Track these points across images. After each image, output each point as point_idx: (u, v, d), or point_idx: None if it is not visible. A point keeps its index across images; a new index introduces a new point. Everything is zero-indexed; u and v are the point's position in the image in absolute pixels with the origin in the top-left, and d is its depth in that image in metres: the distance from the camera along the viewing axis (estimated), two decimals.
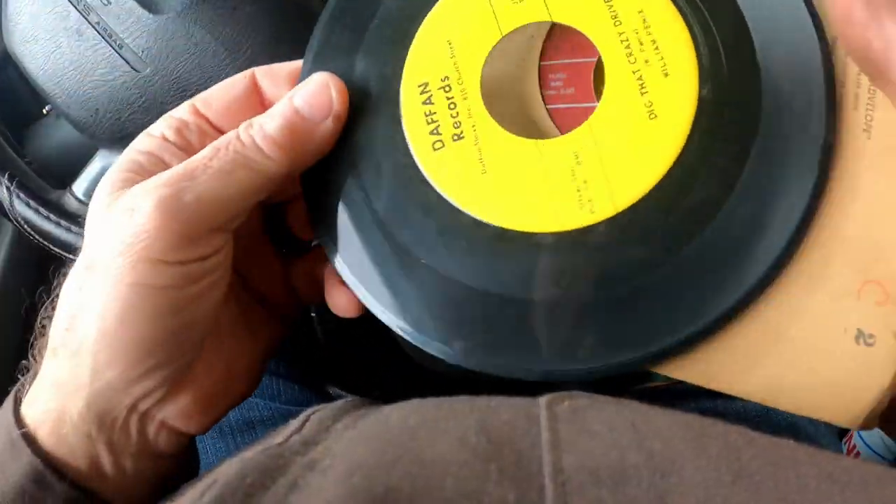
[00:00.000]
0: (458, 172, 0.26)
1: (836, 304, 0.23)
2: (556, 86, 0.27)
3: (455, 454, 0.19)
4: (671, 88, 0.24)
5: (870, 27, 0.20)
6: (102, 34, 0.38)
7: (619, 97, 0.25)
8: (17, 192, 0.42)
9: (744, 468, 0.18)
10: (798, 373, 0.23)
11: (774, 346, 0.23)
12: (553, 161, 0.25)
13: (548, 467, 0.19)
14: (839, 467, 0.18)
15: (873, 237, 0.23)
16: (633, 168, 0.24)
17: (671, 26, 0.25)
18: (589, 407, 0.21)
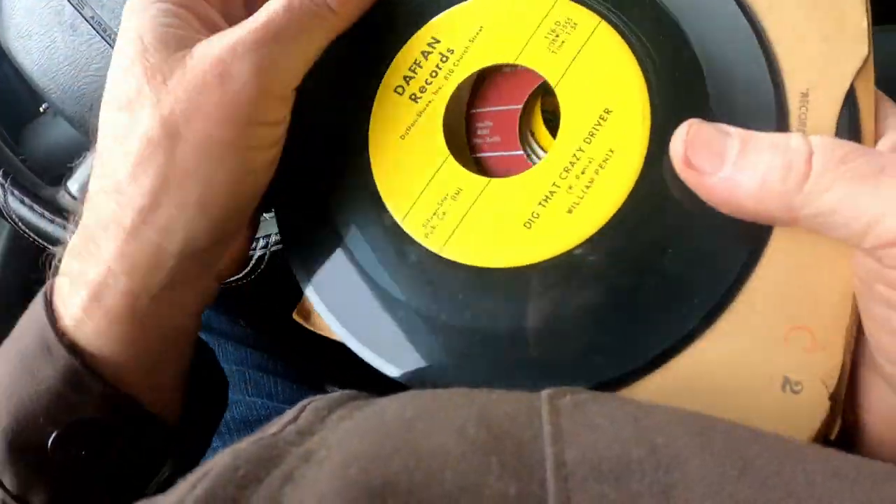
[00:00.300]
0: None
1: (763, 350, 0.22)
2: (483, 134, 0.28)
3: (454, 446, 0.19)
4: (621, 126, 0.25)
5: (736, 196, 0.21)
6: (97, 29, 0.38)
7: (569, 140, 0.25)
8: (11, 189, 0.42)
9: (749, 463, 0.18)
10: (724, 412, 0.22)
11: (701, 390, 0.23)
12: (509, 199, 0.25)
13: (550, 461, 0.18)
14: (847, 464, 0.18)
15: (803, 283, 0.22)
16: (581, 210, 0.25)
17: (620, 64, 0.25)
18: (591, 401, 0.20)
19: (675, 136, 0.22)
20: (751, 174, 0.21)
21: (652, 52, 0.25)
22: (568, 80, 0.25)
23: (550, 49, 0.26)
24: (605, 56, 0.25)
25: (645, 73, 0.25)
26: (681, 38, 0.24)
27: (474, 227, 0.25)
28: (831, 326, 0.22)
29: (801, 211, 0.21)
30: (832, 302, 0.22)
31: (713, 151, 0.22)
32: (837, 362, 0.22)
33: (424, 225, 0.26)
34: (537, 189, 0.25)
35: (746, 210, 0.22)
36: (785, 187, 0.21)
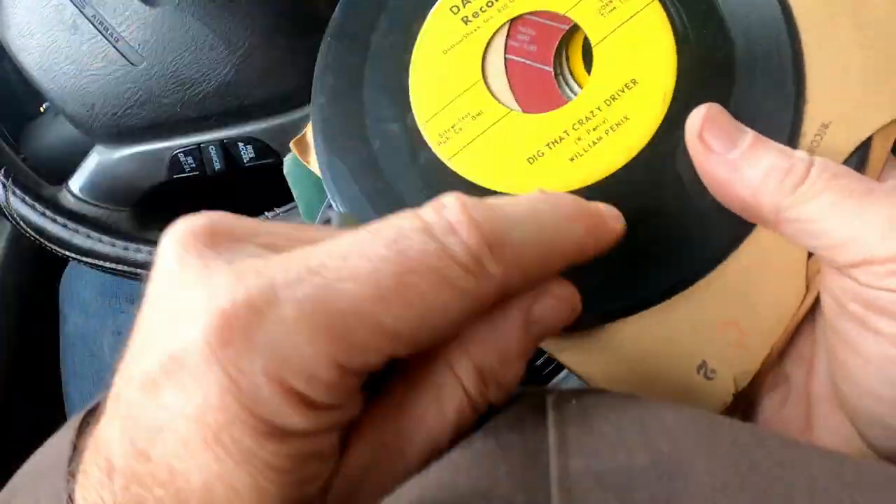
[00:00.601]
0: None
1: (695, 332, 0.24)
2: (522, 39, 0.29)
3: (463, 455, 0.19)
4: (650, 59, 0.26)
5: (734, 181, 0.22)
6: (98, 28, 0.38)
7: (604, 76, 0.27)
8: (13, 188, 0.42)
9: (753, 469, 0.18)
10: (640, 377, 0.25)
11: (633, 354, 0.25)
12: (521, 132, 0.27)
13: (554, 472, 0.18)
14: (851, 469, 0.18)
15: (754, 289, 0.24)
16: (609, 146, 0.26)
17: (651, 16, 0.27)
18: (596, 405, 0.20)
19: (696, 111, 0.23)
20: (754, 166, 0.22)
21: (692, 41, 0.26)
22: (607, 44, 0.27)
23: (601, 12, 0.27)
24: (647, 32, 0.27)
25: (679, 58, 0.26)
26: (722, 36, 0.26)
27: (483, 149, 0.27)
28: (762, 335, 0.24)
29: (786, 213, 0.22)
30: (773, 315, 0.24)
31: (726, 135, 0.23)
32: (754, 367, 0.24)
33: (441, 134, 0.28)
34: (549, 131, 0.27)
35: (740, 199, 0.23)
36: (781, 187, 0.22)
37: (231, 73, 0.37)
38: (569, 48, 0.29)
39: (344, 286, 0.17)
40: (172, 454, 0.17)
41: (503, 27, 0.28)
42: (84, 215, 0.42)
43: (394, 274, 0.17)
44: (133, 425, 0.18)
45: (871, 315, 0.21)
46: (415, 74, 0.29)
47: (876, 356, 0.21)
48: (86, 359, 0.53)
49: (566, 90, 0.28)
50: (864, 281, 0.21)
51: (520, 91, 0.28)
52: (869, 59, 0.24)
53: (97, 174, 0.42)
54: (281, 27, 0.37)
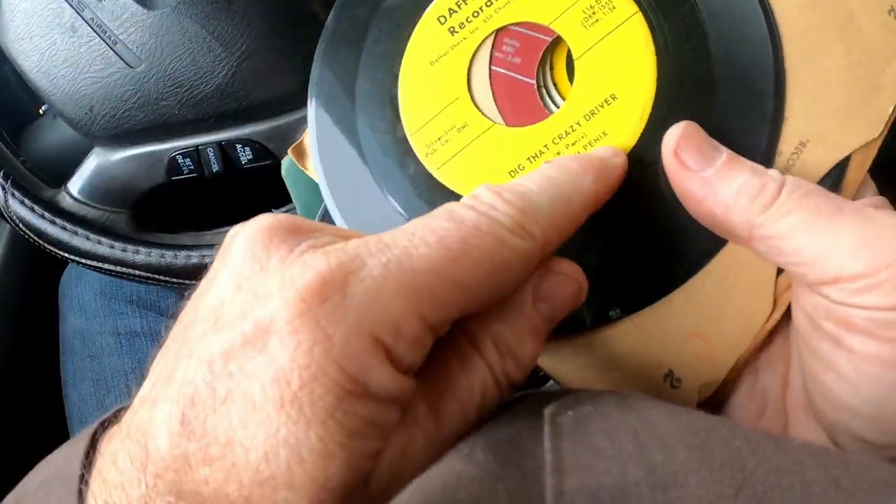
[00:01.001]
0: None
1: (663, 342, 0.25)
2: (507, 50, 0.29)
3: (464, 468, 0.19)
4: (630, 72, 0.26)
5: (707, 199, 0.23)
6: (97, 30, 0.38)
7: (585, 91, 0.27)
8: (12, 190, 0.42)
9: (747, 478, 0.18)
10: (610, 383, 0.25)
11: (606, 358, 0.26)
12: (504, 146, 0.27)
13: (550, 492, 0.18)
14: (847, 472, 0.18)
15: (724, 303, 0.25)
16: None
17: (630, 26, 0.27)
18: (593, 416, 0.21)
19: (672, 128, 0.24)
20: (728, 185, 0.22)
21: (673, 55, 0.26)
22: (589, 57, 0.27)
23: (584, 24, 0.27)
24: (629, 46, 0.27)
25: (659, 73, 0.26)
26: (704, 51, 0.26)
27: (468, 161, 0.28)
28: (729, 347, 0.25)
29: (758, 230, 0.22)
30: (740, 329, 0.25)
31: (701, 153, 0.23)
32: (719, 378, 0.25)
33: (428, 146, 0.28)
34: (530, 145, 0.27)
35: (712, 216, 0.23)
36: (752, 206, 0.22)
37: (229, 76, 0.37)
38: (553, 58, 0.29)
39: (419, 251, 0.19)
40: (237, 423, 0.17)
41: (489, 38, 0.28)
42: (83, 217, 0.42)
43: (458, 238, 0.19)
44: (189, 403, 0.18)
45: (844, 333, 0.21)
46: (404, 85, 0.29)
47: (850, 373, 0.21)
48: (85, 360, 0.53)
49: (548, 102, 0.28)
50: (836, 298, 0.21)
51: (503, 103, 0.28)
52: (852, 80, 0.25)
53: (96, 176, 0.42)
54: (278, 29, 0.37)
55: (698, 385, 0.25)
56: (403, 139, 0.29)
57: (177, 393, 0.18)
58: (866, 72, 0.24)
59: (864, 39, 0.25)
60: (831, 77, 0.25)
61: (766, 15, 0.25)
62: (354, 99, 0.30)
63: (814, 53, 0.25)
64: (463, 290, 0.19)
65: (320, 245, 0.19)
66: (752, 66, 0.25)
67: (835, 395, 0.21)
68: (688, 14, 0.26)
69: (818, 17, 0.25)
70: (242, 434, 0.17)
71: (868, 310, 0.20)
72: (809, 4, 0.25)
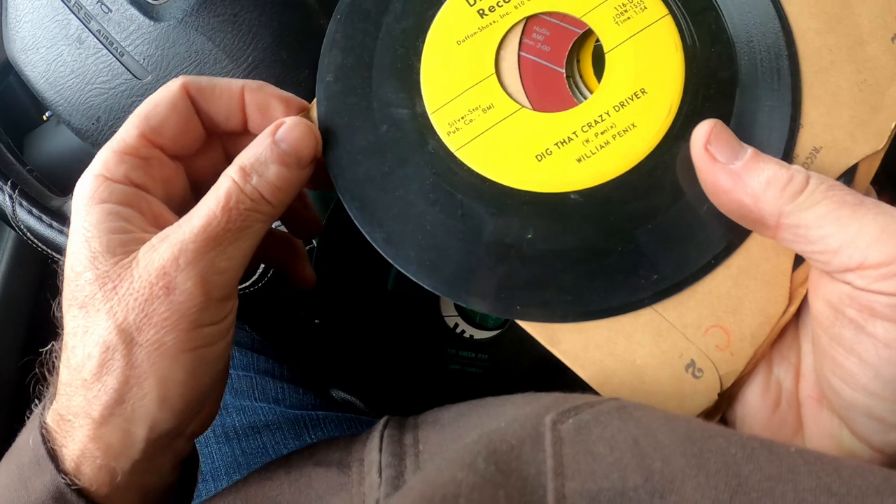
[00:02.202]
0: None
1: (685, 333, 0.26)
2: (537, 38, 0.29)
3: (465, 478, 0.20)
4: (659, 71, 0.28)
5: (736, 189, 0.24)
6: (103, 42, 0.38)
7: (615, 82, 0.28)
8: (19, 200, 0.42)
9: (742, 484, 0.18)
10: (632, 373, 0.26)
11: (627, 348, 0.26)
12: (532, 130, 0.28)
13: (551, 495, 0.19)
14: (839, 478, 0.18)
15: (742, 296, 0.26)
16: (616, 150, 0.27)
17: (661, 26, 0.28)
18: (593, 423, 0.21)
19: (701, 124, 0.25)
20: (756, 176, 0.24)
21: (700, 58, 0.28)
22: (620, 52, 0.28)
23: (616, 20, 0.28)
24: (659, 44, 0.28)
25: (686, 73, 0.28)
26: (728, 57, 0.28)
27: (493, 142, 0.28)
28: (748, 339, 0.26)
29: (787, 219, 0.23)
30: (758, 321, 0.26)
31: (729, 147, 0.25)
32: (739, 369, 0.26)
33: (451, 124, 0.28)
34: (559, 131, 0.28)
35: (741, 206, 0.24)
36: (781, 195, 0.23)
37: None
38: (580, 52, 0.29)
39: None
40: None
41: (518, 24, 0.29)
42: None
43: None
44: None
45: (867, 318, 0.22)
46: (426, 62, 0.29)
47: (872, 357, 0.22)
48: None
49: (576, 93, 0.29)
50: (859, 285, 0.22)
51: (531, 89, 0.29)
52: (860, 97, 0.27)
53: None
54: (285, 41, 0.37)
55: (719, 375, 0.26)
56: (423, 115, 0.29)
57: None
58: (872, 90, 0.26)
59: (871, 63, 0.27)
60: (843, 93, 0.27)
61: (785, 32, 0.27)
62: (371, 72, 0.30)
63: (828, 71, 0.27)
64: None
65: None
66: (773, 76, 0.27)
67: (856, 379, 0.22)
68: (714, 22, 0.28)
69: (832, 40, 0.27)
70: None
71: (890, 296, 0.21)
72: (826, 28, 0.27)
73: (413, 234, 0.28)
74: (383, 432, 0.28)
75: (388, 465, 0.26)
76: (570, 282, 0.27)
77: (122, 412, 0.25)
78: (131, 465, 0.26)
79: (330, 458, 0.28)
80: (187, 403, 0.26)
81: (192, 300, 0.25)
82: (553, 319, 0.26)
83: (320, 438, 0.46)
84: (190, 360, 0.25)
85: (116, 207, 0.26)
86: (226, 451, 0.45)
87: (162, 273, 0.25)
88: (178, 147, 0.28)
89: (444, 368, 0.44)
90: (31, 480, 0.26)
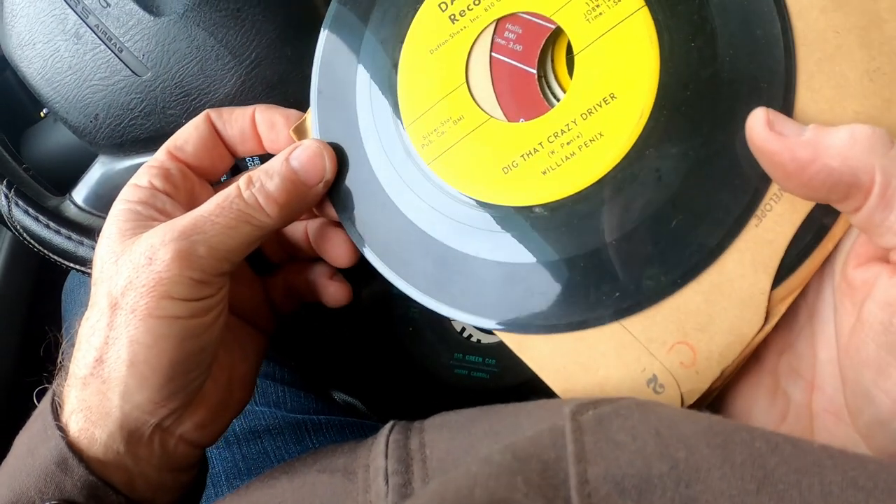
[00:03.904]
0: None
1: (647, 345, 0.25)
2: (509, 37, 0.28)
3: (480, 470, 0.19)
4: (631, 74, 0.25)
5: (819, 156, 0.21)
6: (102, 37, 0.37)
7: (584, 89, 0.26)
8: (15, 199, 0.41)
9: (768, 476, 0.18)
10: (595, 383, 0.26)
11: (583, 353, 0.26)
12: (499, 141, 0.27)
13: (573, 479, 0.19)
14: (864, 473, 0.18)
15: (713, 314, 0.25)
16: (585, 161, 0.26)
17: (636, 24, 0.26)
18: (613, 415, 0.21)
19: (754, 112, 0.23)
20: (838, 132, 0.21)
21: (678, 56, 0.25)
22: (590, 53, 0.26)
23: (587, 17, 0.26)
24: (632, 42, 0.25)
25: (661, 74, 0.25)
26: (711, 54, 0.25)
27: (462, 155, 0.27)
28: (715, 357, 0.25)
29: (889, 174, 0.20)
30: (727, 341, 0.24)
31: (791, 122, 0.22)
32: (703, 387, 0.25)
33: (424, 136, 0.28)
34: (525, 142, 0.27)
35: (830, 173, 0.21)
36: (871, 144, 0.21)
37: (237, 84, 0.36)
38: (555, 48, 0.28)
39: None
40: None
41: (490, 26, 0.28)
42: (88, 226, 0.42)
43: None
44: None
45: None
46: (403, 74, 0.29)
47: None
48: None
49: (548, 93, 0.28)
50: None
51: (503, 93, 0.28)
52: (871, 90, 0.23)
53: (101, 185, 0.41)
54: (288, 38, 0.36)
55: (681, 392, 0.25)
56: (401, 129, 0.28)
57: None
58: (887, 80, 0.23)
59: (891, 46, 0.23)
60: (849, 84, 0.24)
61: (780, 15, 0.24)
62: (355, 87, 0.29)
63: (832, 59, 0.24)
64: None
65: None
66: (762, 71, 0.24)
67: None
68: (696, 11, 0.25)
69: (840, 20, 0.24)
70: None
71: None
72: (832, 5, 0.24)
73: (394, 246, 0.29)
74: (389, 437, 0.27)
75: (395, 472, 0.25)
76: (522, 298, 0.26)
77: (100, 373, 0.28)
78: (108, 435, 0.28)
79: (334, 465, 0.28)
80: (154, 373, 0.27)
81: (168, 270, 0.27)
82: (517, 331, 0.27)
83: (322, 443, 0.45)
84: (156, 326, 0.27)
85: (135, 204, 0.30)
86: (226, 457, 0.45)
87: (149, 246, 0.28)
88: (199, 162, 0.32)
89: (450, 373, 0.44)
90: (38, 448, 0.29)
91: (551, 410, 0.23)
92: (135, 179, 0.31)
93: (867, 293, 0.22)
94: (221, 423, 0.32)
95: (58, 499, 0.28)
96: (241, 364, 0.34)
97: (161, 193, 0.31)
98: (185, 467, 0.31)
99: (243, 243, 0.29)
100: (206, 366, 0.29)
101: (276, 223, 0.29)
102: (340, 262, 0.32)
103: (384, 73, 0.29)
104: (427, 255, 0.28)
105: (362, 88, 0.29)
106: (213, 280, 0.28)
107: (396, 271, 0.29)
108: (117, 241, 0.29)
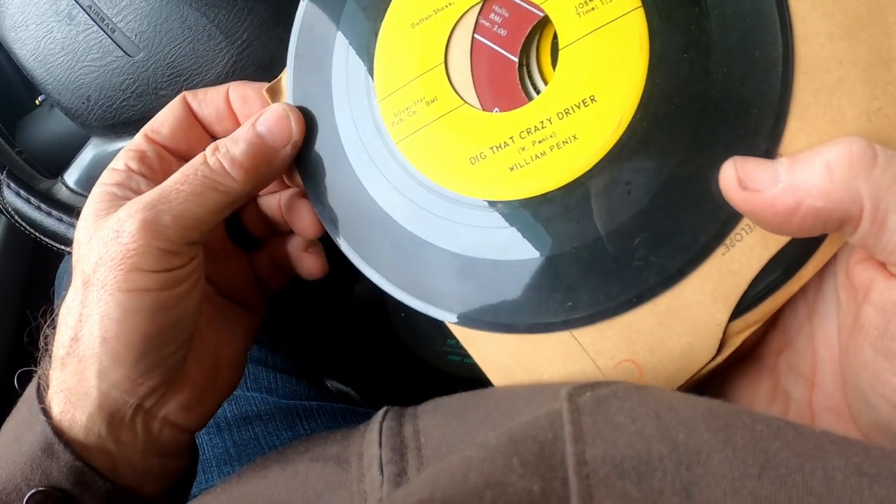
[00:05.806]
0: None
1: (594, 357, 0.25)
2: (494, 20, 0.26)
3: (476, 453, 0.19)
4: (617, 74, 0.24)
5: (802, 201, 0.20)
6: (94, 18, 0.37)
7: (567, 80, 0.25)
8: (7, 181, 0.41)
9: (770, 460, 0.18)
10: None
11: (529, 356, 0.25)
12: (469, 129, 0.26)
13: (571, 459, 0.18)
14: (868, 459, 0.18)
15: (663, 336, 0.24)
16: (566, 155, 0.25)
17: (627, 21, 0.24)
18: (612, 397, 0.21)
19: (722, 169, 0.22)
20: (812, 168, 0.20)
21: (668, 66, 0.23)
22: (576, 49, 0.25)
23: (578, 11, 0.24)
24: (622, 44, 0.24)
25: (648, 84, 0.23)
26: (703, 68, 0.23)
27: (431, 139, 0.26)
28: (661, 381, 0.24)
29: (876, 199, 0.19)
30: (676, 365, 0.24)
31: (763, 169, 0.21)
32: None
33: (395, 114, 0.27)
34: (496, 134, 0.26)
35: (819, 213, 0.20)
36: (851, 172, 0.19)
37: (230, 65, 0.36)
38: (542, 37, 0.26)
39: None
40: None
41: (478, 3, 0.26)
42: (80, 209, 0.41)
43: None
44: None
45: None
46: (381, 46, 0.28)
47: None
48: None
49: (528, 85, 0.26)
50: None
51: (480, 78, 0.26)
52: (868, 130, 0.22)
53: (93, 167, 0.41)
54: (280, 18, 0.36)
55: None
56: (374, 103, 0.28)
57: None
58: (887, 123, 0.21)
59: (889, 88, 0.21)
60: (846, 120, 0.22)
61: (784, 37, 0.22)
62: (333, 51, 0.29)
63: (831, 91, 0.22)
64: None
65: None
66: (754, 96, 0.22)
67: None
68: (695, 21, 0.23)
69: (846, 50, 0.22)
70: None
71: None
72: (842, 34, 0.22)
73: (355, 222, 0.28)
74: (382, 424, 0.27)
75: (390, 460, 0.25)
76: (486, 293, 0.26)
77: (76, 351, 0.27)
78: (87, 417, 0.28)
79: (327, 453, 0.28)
80: (127, 348, 0.27)
81: (134, 242, 0.27)
82: (466, 325, 0.26)
83: (314, 430, 0.45)
84: (126, 300, 0.27)
85: (111, 186, 0.30)
86: (217, 442, 0.44)
87: (117, 220, 0.27)
88: (176, 144, 0.32)
89: (443, 359, 0.43)
90: (23, 435, 0.28)
91: (548, 395, 0.23)
92: (113, 164, 0.31)
93: (865, 295, 0.22)
94: (208, 405, 0.32)
95: (45, 485, 0.28)
96: (228, 344, 0.33)
97: (137, 175, 0.31)
98: (171, 453, 0.31)
99: (210, 210, 0.28)
100: (182, 340, 0.29)
101: (244, 188, 0.29)
102: (306, 232, 0.32)
103: (363, 42, 0.28)
104: (385, 235, 0.27)
105: (339, 56, 0.28)
106: (181, 250, 0.28)
107: (355, 248, 0.28)
108: (91, 222, 0.29)
